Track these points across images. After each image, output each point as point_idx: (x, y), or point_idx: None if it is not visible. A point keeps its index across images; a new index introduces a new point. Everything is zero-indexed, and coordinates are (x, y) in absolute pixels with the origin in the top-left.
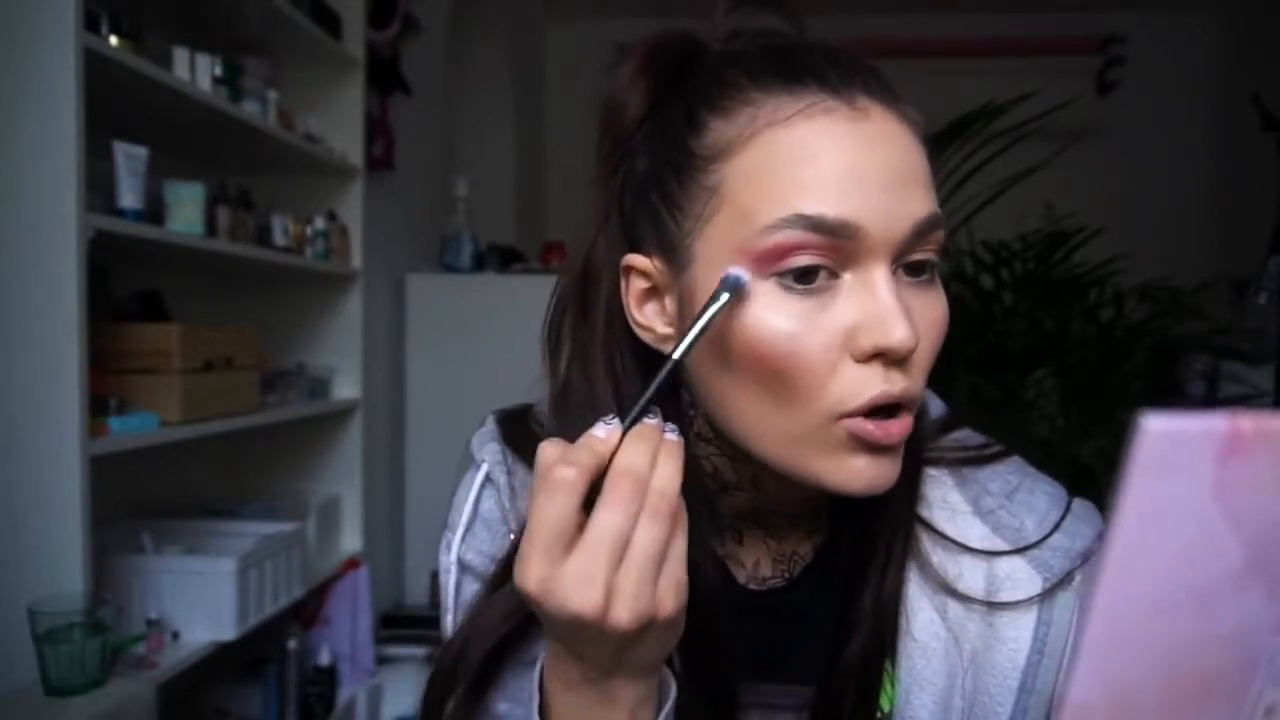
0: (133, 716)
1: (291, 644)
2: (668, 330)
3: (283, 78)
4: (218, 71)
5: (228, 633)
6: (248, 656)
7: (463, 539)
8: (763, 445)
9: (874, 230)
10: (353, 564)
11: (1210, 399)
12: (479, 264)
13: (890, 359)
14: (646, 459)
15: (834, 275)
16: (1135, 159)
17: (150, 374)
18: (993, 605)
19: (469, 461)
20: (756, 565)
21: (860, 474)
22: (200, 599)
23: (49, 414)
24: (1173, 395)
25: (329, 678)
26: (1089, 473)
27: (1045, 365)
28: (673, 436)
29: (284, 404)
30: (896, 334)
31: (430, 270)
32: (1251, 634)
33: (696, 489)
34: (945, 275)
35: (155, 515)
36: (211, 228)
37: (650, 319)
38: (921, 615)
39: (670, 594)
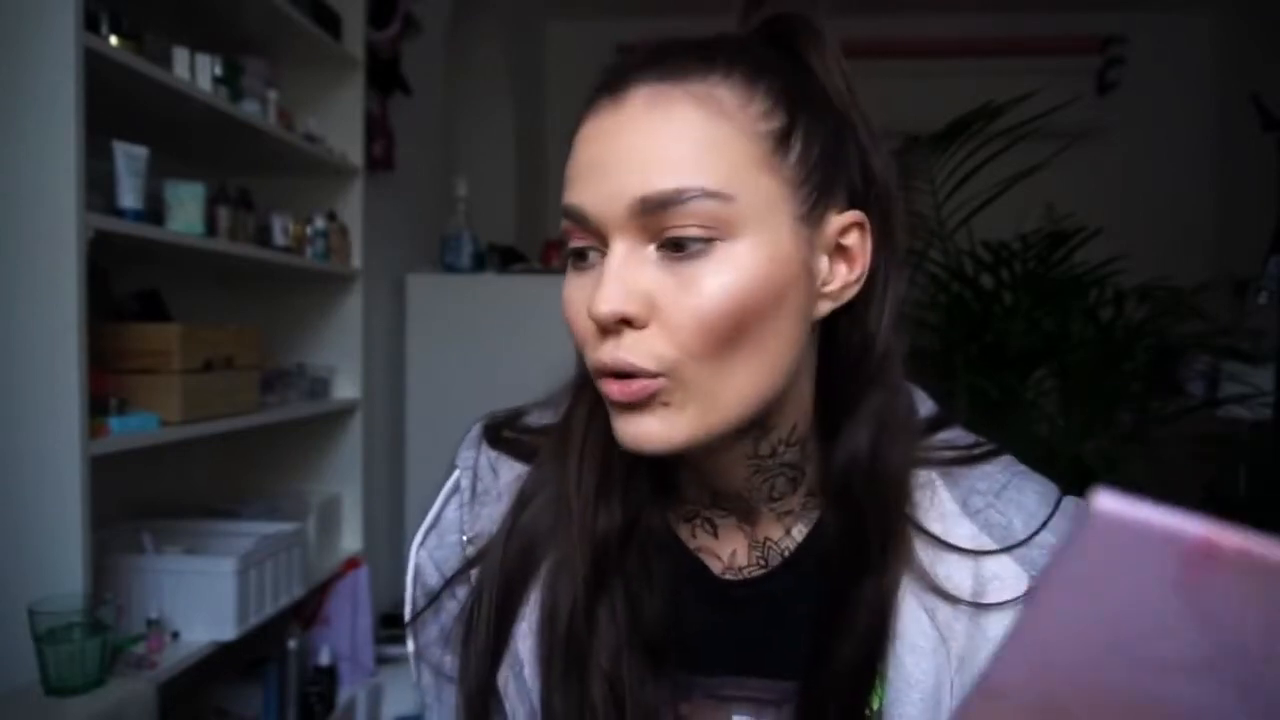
0: (133, 716)
1: (291, 644)
2: None
3: (283, 78)
4: (218, 71)
5: (228, 633)
6: (248, 656)
7: (422, 541)
8: None
9: (592, 213)
10: (353, 564)
11: (1210, 399)
12: (479, 264)
13: (603, 328)
14: None
15: (600, 253)
16: (1135, 159)
17: (150, 374)
18: (979, 606)
19: (452, 469)
20: (733, 556)
21: (624, 428)
22: (200, 599)
23: (49, 414)
24: (1173, 395)
25: (329, 678)
26: (1089, 473)
27: (1045, 365)
28: None
29: (284, 404)
30: (593, 305)
31: (430, 270)
32: None
33: (654, 461)
34: (945, 275)
35: (155, 515)
36: (211, 228)
37: None
38: (910, 615)
39: None
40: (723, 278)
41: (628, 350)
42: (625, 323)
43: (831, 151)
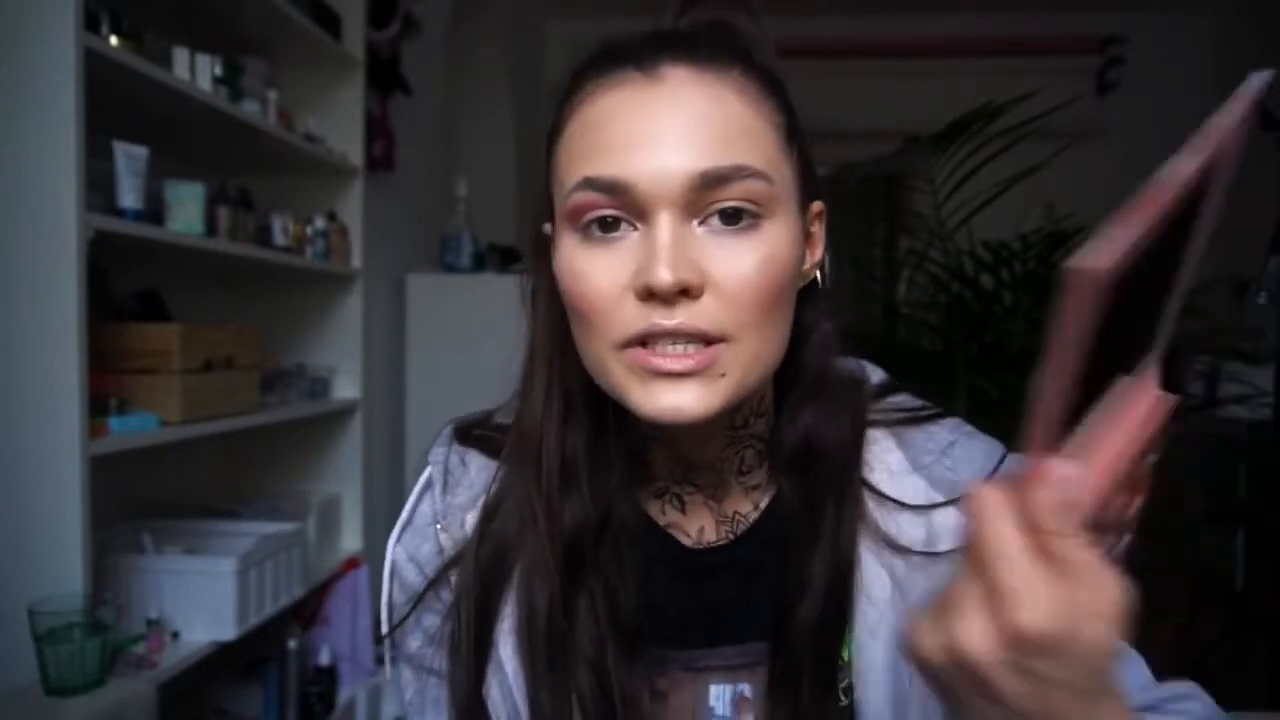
0: (133, 716)
1: (291, 644)
2: None
3: (283, 78)
4: (218, 71)
5: (228, 633)
6: (248, 656)
7: (398, 538)
8: (592, 374)
9: (644, 185)
10: (353, 564)
11: (1210, 399)
12: (479, 264)
13: (661, 297)
14: None
15: (633, 226)
16: (1135, 159)
17: (150, 374)
18: (931, 555)
19: (423, 467)
20: (701, 531)
21: (659, 402)
22: (200, 599)
23: (49, 414)
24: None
25: (329, 678)
26: None
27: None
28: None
29: (284, 404)
30: (657, 273)
31: (430, 270)
32: None
33: (623, 441)
34: (945, 275)
35: (155, 515)
36: (211, 228)
37: None
38: (869, 570)
39: None
40: (768, 251)
41: (694, 316)
42: (684, 292)
43: (805, 149)
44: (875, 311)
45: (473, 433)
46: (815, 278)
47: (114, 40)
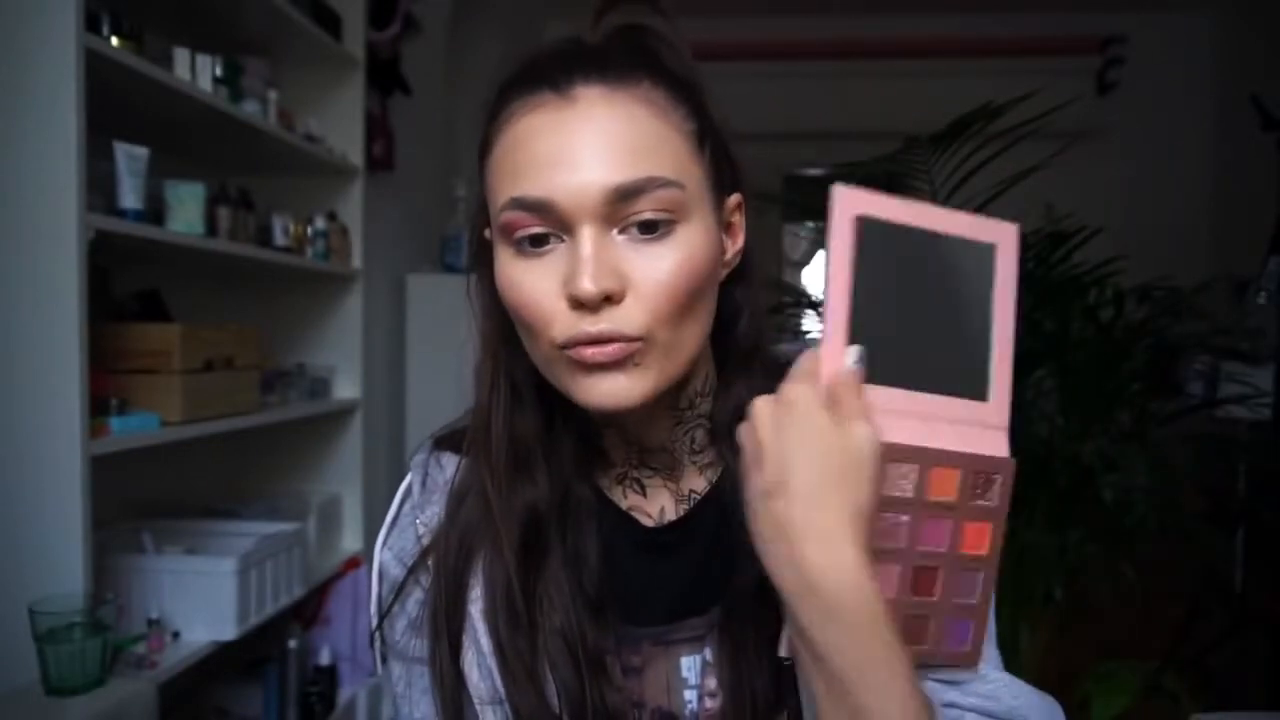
0: (133, 716)
1: (292, 644)
2: None
3: (283, 78)
4: (218, 71)
5: (228, 632)
6: (248, 656)
7: (384, 541)
8: (540, 370)
9: (564, 201)
10: (353, 564)
11: (1210, 399)
12: None
13: (587, 305)
14: None
15: (560, 238)
16: (1135, 159)
17: (151, 374)
18: None
19: (405, 473)
20: (662, 512)
21: (594, 391)
22: (201, 599)
23: (49, 414)
24: (1172, 395)
25: (329, 678)
26: (1089, 472)
27: (1045, 365)
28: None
29: (284, 404)
30: (580, 284)
31: (430, 270)
32: None
33: (574, 430)
34: None
35: (156, 515)
36: (212, 228)
37: None
38: None
39: None
40: (683, 253)
41: (613, 321)
42: (607, 299)
43: (720, 145)
44: None
45: (447, 436)
46: (740, 262)
47: (114, 40)
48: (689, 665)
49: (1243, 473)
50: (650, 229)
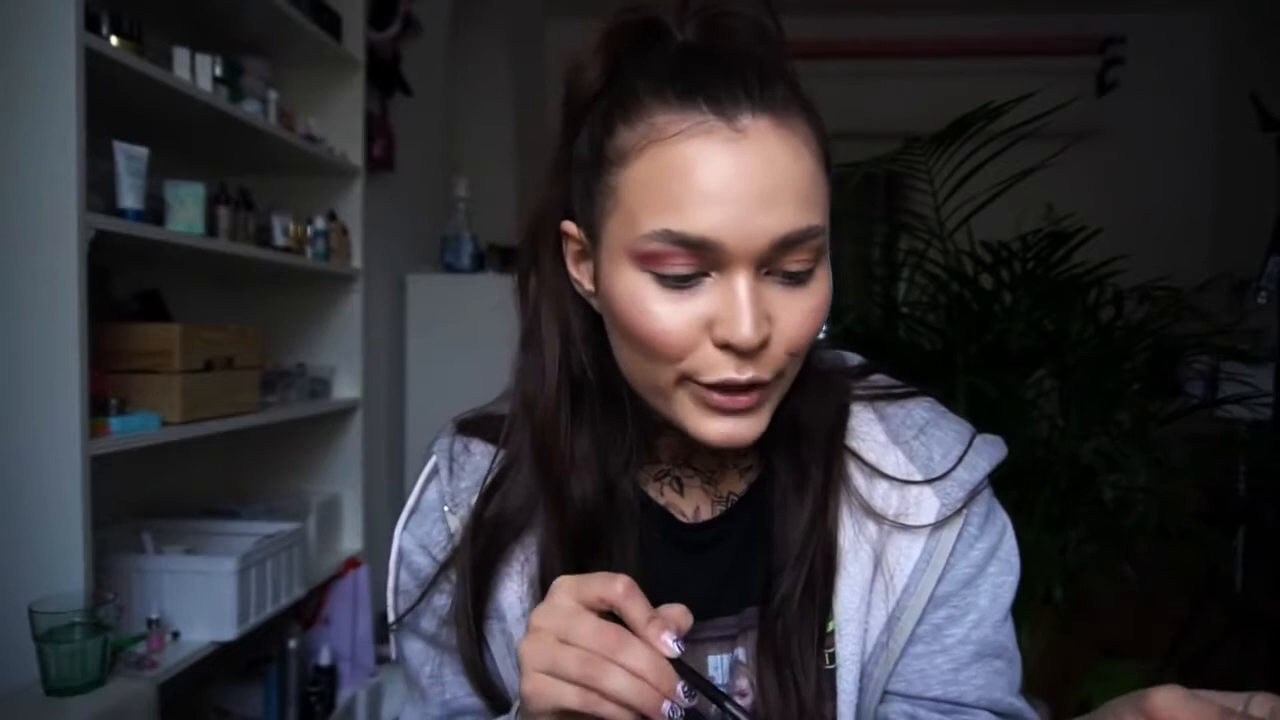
0: (133, 716)
1: (292, 644)
2: (591, 289)
3: (283, 78)
4: (218, 71)
5: (228, 632)
6: (248, 656)
7: (405, 525)
8: (638, 389)
9: (732, 245)
10: (353, 564)
11: (1209, 399)
12: (479, 264)
13: (739, 350)
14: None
15: (703, 275)
16: (1135, 159)
17: (151, 374)
18: (901, 525)
19: (428, 457)
20: (697, 511)
21: (715, 430)
22: (200, 599)
23: (49, 414)
24: (1172, 395)
25: (329, 678)
26: (1089, 472)
27: (1045, 365)
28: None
29: (284, 404)
30: (741, 332)
31: (430, 270)
32: None
33: (635, 428)
34: (945, 275)
35: (156, 515)
36: (212, 228)
37: (582, 276)
38: (849, 537)
39: None
40: (820, 296)
41: (757, 368)
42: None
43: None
44: (875, 311)
45: (473, 422)
46: None
47: (114, 40)
48: (716, 664)
49: (1243, 473)
50: (798, 276)
